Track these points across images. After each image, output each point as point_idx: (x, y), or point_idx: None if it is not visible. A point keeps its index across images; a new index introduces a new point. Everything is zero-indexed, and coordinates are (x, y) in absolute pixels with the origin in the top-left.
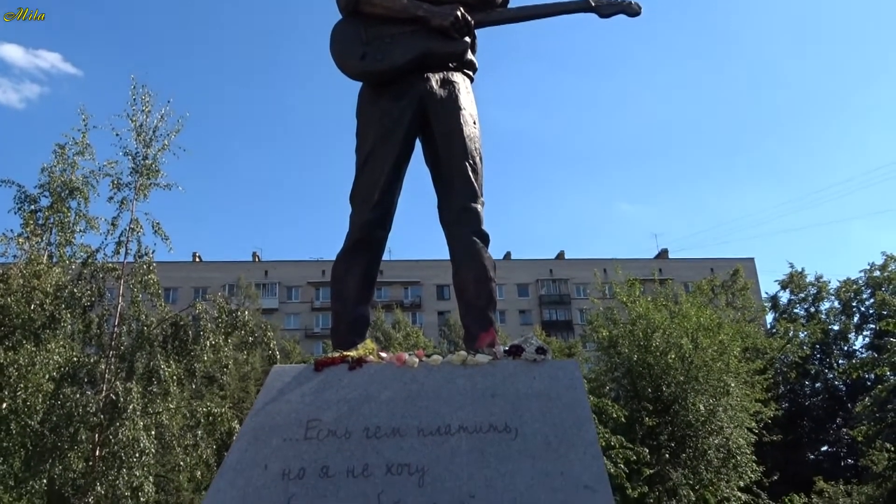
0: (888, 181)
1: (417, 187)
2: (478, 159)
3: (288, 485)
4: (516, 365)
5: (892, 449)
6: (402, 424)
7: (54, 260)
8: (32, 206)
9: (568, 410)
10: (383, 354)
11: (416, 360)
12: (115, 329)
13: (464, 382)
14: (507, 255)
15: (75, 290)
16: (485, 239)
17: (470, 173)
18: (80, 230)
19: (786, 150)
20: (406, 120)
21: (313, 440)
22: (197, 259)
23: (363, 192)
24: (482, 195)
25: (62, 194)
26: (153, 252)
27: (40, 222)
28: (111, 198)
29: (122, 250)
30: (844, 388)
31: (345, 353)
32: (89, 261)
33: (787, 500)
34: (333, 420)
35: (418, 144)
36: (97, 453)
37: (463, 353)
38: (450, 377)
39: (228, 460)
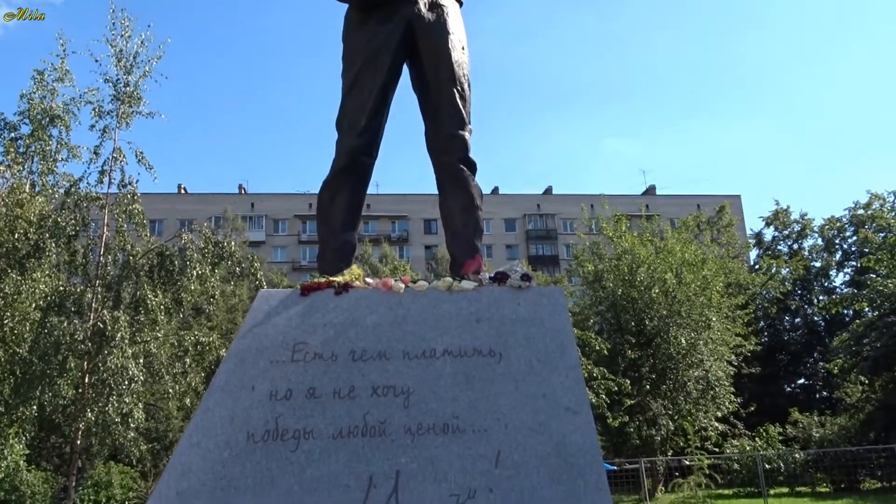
0: (877, 120)
1: (405, 120)
2: (466, 86)
3: (275, 405)
4: (501, 291)
5: (866, 381)
6: (387, 348)
7: (37, 189)
8: (12, 134)
9: (551, 336)
10: (369, 280)
11: (402, 285)
12: (101, 259)
13: (449, 308)
14: (495, 190)
15: (59, 220)
16: (472, 167)
17: (458, 100)
18: (63, 159)
19: (776, 88)
20: (393, 44)
21: (300, 363)
22: (182, 191)
23: (349, 117)
24: (470, 122)
25: (43, 122)
26: (137, 182)
27: (21, 150)
28: (93, 126)
29: (106, 179)
30: (823, 324)
31: (331, 278)
32: (72, 190)
33: (762, 430)
34: (320, 343)
35: (405, 70)
36: (86, 381)
37: (448, 279)
38: (435, 302)
39: (216, 381)
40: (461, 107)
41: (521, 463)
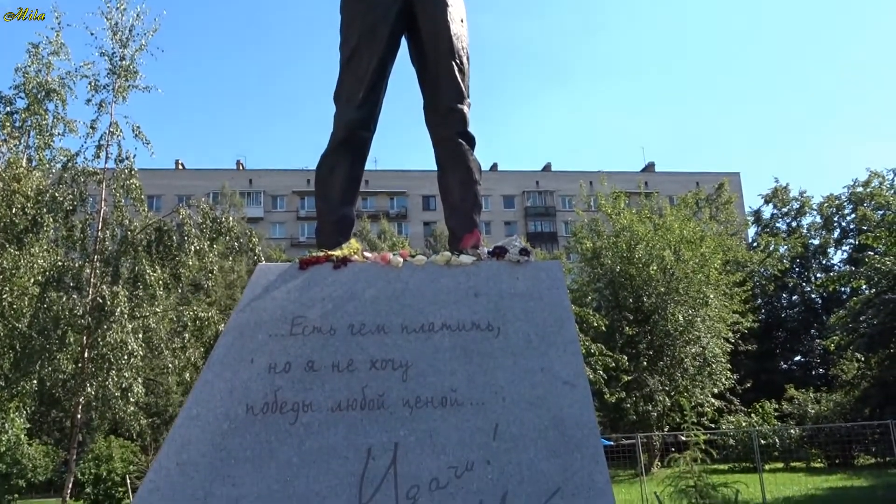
0: (879, 98)
1: (403, 95)
2: (465, 59)
3: (274, 378)
4: (500, 265)
5: (862, 359)
6: (386, 322)
7: (34, 163)
8: (8, 108)
9: (549, 310)
10: (368, 254)
11: (401, 259)
12: (99, 234)
13: (447, 282)
14: (494, 167)
15: (56, 195)
16: (471, 141)
17: (456, 73)
18: (59, 133)
19: (778, 65)
20: (392, 16)
21: (298, 336)
22: (180, 166)
23: (347, 90)
24: (468, 96)
25: (38, 96)
26: (134, 156)
27: (17, 125)
28: (89, 100)
29: (103, 154)
30: (820, 301)
31: (329, 252)
32: (69, 165)
33: (758, 406)
34: (318, 317)
35: (404, 44)
36: (86, 355)
37: (447, 253)
38: (434, 276)
39: (215, 354)
40: (460, 80)
41: (518, 436)
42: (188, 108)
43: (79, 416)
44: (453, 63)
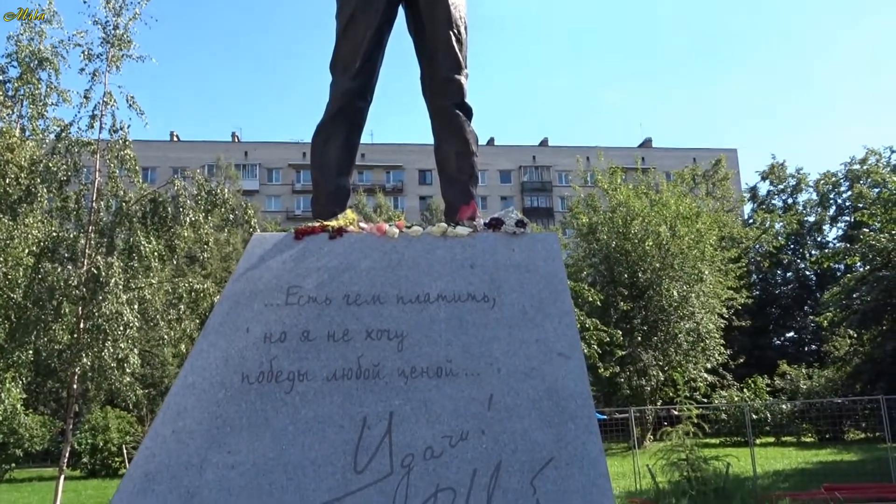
0: (879, 76)
1: (400, 68)
2: (462, 29)
3: (270, 347)
4: (496, 237)
5: (854, 335)
6: (381, 292)
7: (27, 133)
8: (1, 77)
9: (545, 281)
10: (363, 225)
11: (397, 230)
12: (94, 205)
13: (443, 253)
14: (491, 141)
15: (50, 165)
16: (468, 112)
17: (454, 43)
18: (52, 103)
19: (778, 41)
20: None
21: (294, 306)
22: (174, 138)
23: (343, 59)
24: (466, 66)
25: (31, 65)
26: (128, 127)
27: (10, 94)
28: (82, 69)
29: (97, 124)
30: (814, 278)
31: (325, 222)
32: (63, 135)
33: (750, 381)
34: (314, 287)
35: (401, 14)
36: (81, 326)
37: (443, 224)
38: (430, 248)
39: (210, 323)
40: (457, 50)
41: (513, 406)
42: (182, 78)
43: (75, 386)
44: (451, 33)
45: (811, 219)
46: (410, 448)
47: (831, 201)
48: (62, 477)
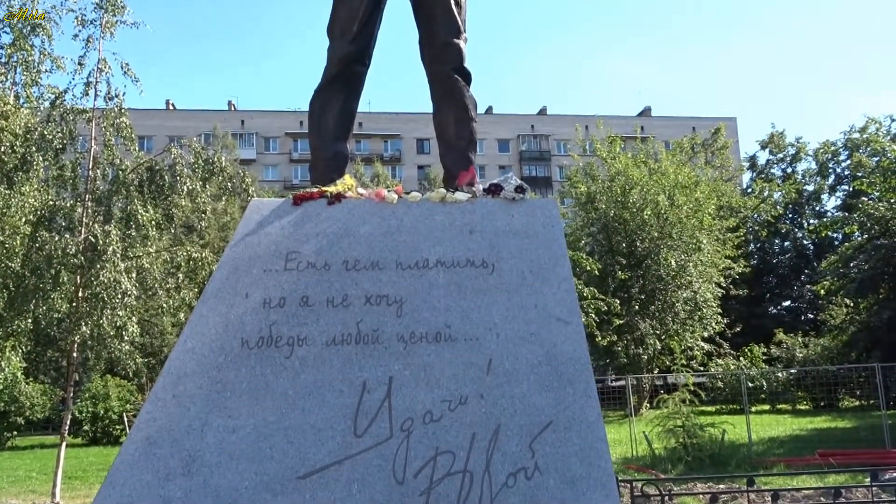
0: (880, 44)
1: (398, 36)
2: None
3: (269, 312)
4: (495, 203)
5: (851, 304)
6: (380, 258)
7: (21, 101)
8: None
9: (544, 247)
10: (362, 190)
11: (395, 196)
12: (90, 173)
13: (442, 219)
14: (489, 110)
15: (45, 133)
16: (466, 77)
17: (453, 6)
18: (46, 70)
19: (778, 8)
20: None
21: (293, 271)
22: (170, 107)
23: (341, 23)
24: (465, 31)
25: (24, 31)
26: (124, 94)
27: (3, 60)
28: (76, 35)
29: (92, 91)
30: (812, 248)
31: (323, 188)
32: (57, 102)
33: (747, 349)
34: (313, 253)
35: None
36: (80, 295)
37: (442, 190)
38: (428, 213)
39: (209, 288)
40: (456, 14)
41: (511, 371)
42: (178, 46)
43: (74, 355)
44: None
45: (810, 188)
46: (410, 412)
47: (830, 170)
48: (64, 444)
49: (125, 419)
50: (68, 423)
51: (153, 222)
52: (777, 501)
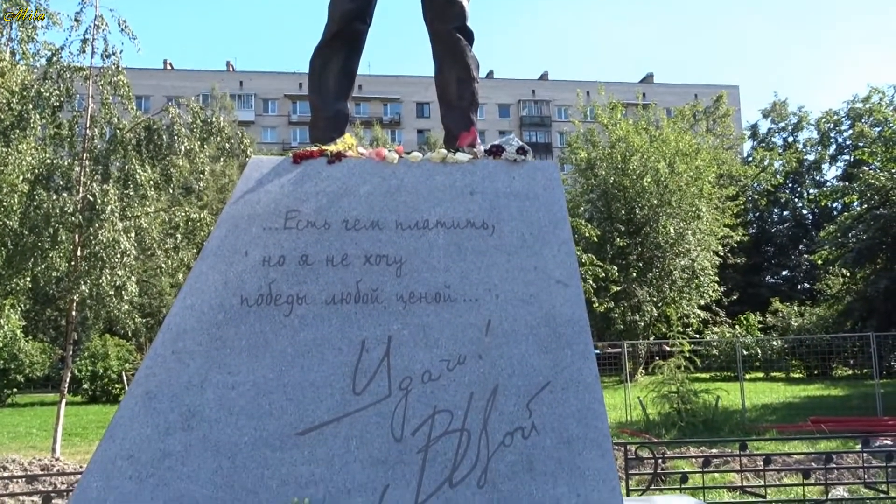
0: (885, 14)
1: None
2: None
3: (268, 271)
4: (496, 164)
5: (848, 274)
6: (380, 218)
7: (17, 57)
8: None
9: (545, 210)
10: (362, 150)
11: (396, 156)
12: (87, 132)
13: (443, 179)
14: (490, 74)
15: (42, 90)
16: (469, 36)
17: None
18: (42, 26)
19: None
20: None
21: (293, 230)
22: (168, 67)
23: None
24: None
25: None
26: (121, 52)
27: None
28: None
29: (88, 49)
30: (811, 218)
31: (323, 147)
32: (54, 59)
33: (743, 318)
34: (312, 211)
35: None
36: (78, 254)
37: (443, 150)
38: (429, 174)
39: (209, 246)
40: None
41: (510, 332)
42: (176, 4)
43: (73, 313)
44: None
45: (811, 157)
46: (408, 371)
47: (832, 140)
48: (63, 402)
49: (124, 378)
50: (67, 381)
51: (151, 182)
52: (769, 465)
